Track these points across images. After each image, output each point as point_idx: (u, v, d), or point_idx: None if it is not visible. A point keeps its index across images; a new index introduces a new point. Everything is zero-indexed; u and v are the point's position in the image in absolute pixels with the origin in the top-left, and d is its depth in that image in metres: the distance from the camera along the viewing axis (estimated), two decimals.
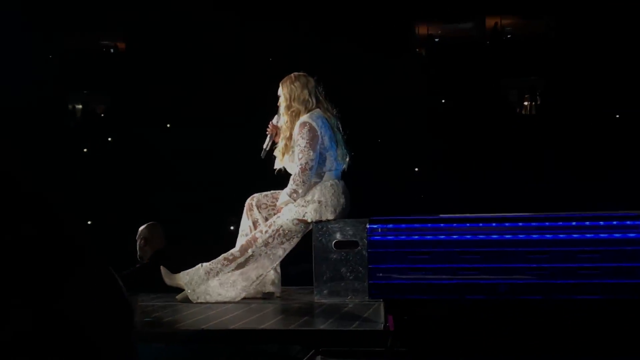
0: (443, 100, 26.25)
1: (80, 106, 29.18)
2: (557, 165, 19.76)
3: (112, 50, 30.06)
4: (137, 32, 27.46)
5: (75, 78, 27.19)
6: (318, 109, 5.65)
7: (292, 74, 5.74)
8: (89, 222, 16.46)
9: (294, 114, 5.62)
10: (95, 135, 25.08)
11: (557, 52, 26.00)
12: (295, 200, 5.52)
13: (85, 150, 24.73)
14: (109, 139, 24.28)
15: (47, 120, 24.05)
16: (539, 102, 27.76)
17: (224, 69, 24.73)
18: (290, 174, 5.62)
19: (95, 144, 24.39)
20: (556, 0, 26.02)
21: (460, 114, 23.97)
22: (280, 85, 5.73)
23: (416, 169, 22.10)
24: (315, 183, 5.56)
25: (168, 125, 25.42)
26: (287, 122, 5.66)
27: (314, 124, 5.53)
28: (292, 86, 5.65)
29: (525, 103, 28.73)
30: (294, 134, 5.59)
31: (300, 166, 5.49)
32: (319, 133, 5.53)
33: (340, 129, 5.74)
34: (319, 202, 5.49)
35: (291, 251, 5.69)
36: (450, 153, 21.50)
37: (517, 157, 21.02)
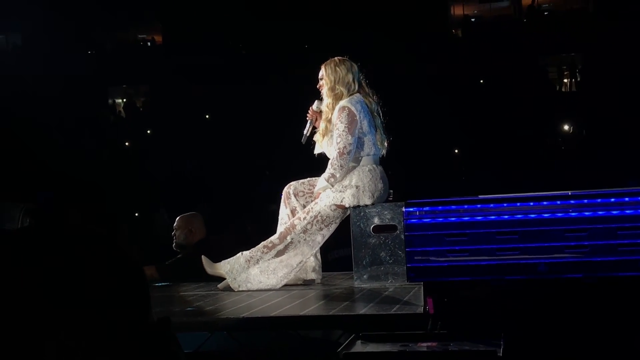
0: (481, 81, 26.07)
1: (119, 100, 29.49)
2: (598, 141, 19.52)
3: (149, 44, 30.29)
4: (173, 24, 27.63)
5: (114, 72, 27.47)
6: (359, 94, 5.64)
7: (336, 58, 5.73)
8: (136, 214, 16.63)
9: (337, 96, 5.62)
10: (136, 128, 25.32)
11: (596, 26, 25.64)
12: (332, 185, 5.53)
13: (127, 143, 24.97)
14: (148, 131, 24.47)
15: (88, 115, 24.31)
16: (578, 79, 27.44)
17: (262, 59, 24.79)
18: (329, 159, 5.63)
19: (136, 136, 24.62)
20: None
21: (499, 93, 23.78)
22: (323, 67, 5.72)
23: (456, 151, 21.99)
24: (353, 167, 5.56)
25: (207, 117, 25.59)
26: (329, 103, 5.65)
27: (353, 108, 5.53)
28: (337, 69, 5.65)
29: (565, 80, 28.43)
30: (333, 117, 5.59)
31: (338, 150, 5.49)
32: (357, 117, 5.52)
33: (381, 114, 5.73)
34: (357, 187, 5.49)
35: (331, 237, 5.70)
36: (489, 134, 21.35)
37: (557, 135, 20.82)
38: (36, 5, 25.41)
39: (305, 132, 5.83)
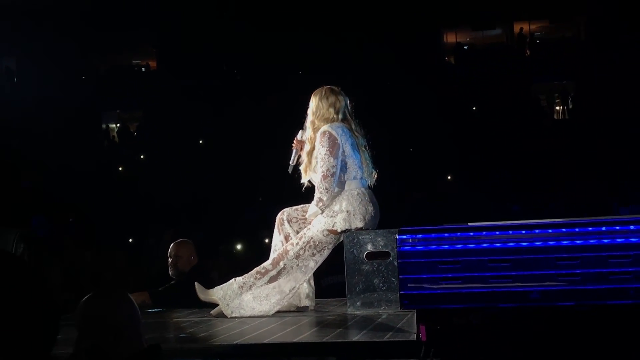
0: (474, 108, 26.18)
1: (113, 125, 29.51)
2: (589, 169, 19.60)
3: (143, 69, 30.37)
4: (168, 49, 27.72)
5: (108, 97, 27.51)
6: (342, 123, 5.64)
7: (325, 88, 5.72)
8: (130, 240, 16.61)
9: (316, 130, 5.65)
10: (130, 152, 25.33)
11: (587, 54, 25.82)
12: (322, 210, 5.53)
13: (120, 168, 24.96)
14: (142, 156, 24.47)
15: (82, 140, 24.32)
16: (570, 106, 27.58)
17: (253, 84, 24.88)
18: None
19: (129, 161, 24.63)
20: (584, 2, 25.84)
21: (492, 120, 23.89)
22: (312, 96, 5.73)
23: (449, 177, 22.04)
24: (340, 192, 5.57)
25: (200, 142, 25.61)
26: (309, 137, 5.69)
27: (333, 132, 5.52)
28: (320, 103, 5.64)
29: (557, 107, 28.57)
30: (315, 144, 5.61)
31: (322, 174, 5.50)
32: (339, 140, 5.51)
33: (367, 148, 5.74)
34: (347, 211, 5.49)
35: (325, 263, 5.71)
36: (482, 160, 21.42)
37: (549, 162, 20.89)
38: (30, 29, 25.51)
39: (291, 162, 5.83)
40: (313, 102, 5.70)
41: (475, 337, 4.54)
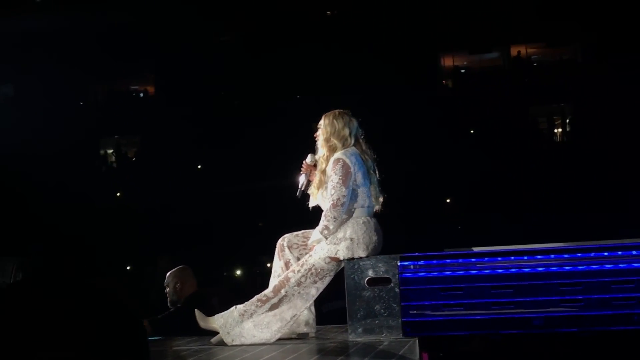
0: (472, 131, 26.21)
1: (111, 150, 29.51)
2: (590, 192, 19.59)
3: (141, 95, 30.42)
4: (165, 75, 27.78)
5: (106, 123, 27.54)
6: (354, 148, 5.66)
7: (336, 110, 5.75)
8: (128, 268, 16.56)
9: (331, 148, 5.64)
10: (128, 178, 25.32)
11: (585, 76, 25.89)
12: (327, 237, 5.51)
13: (118, 194, 24.95)
14: (140, 182, 24.43)
15: (80, 166, 24.31)
16: (568, 129, 27.62)
17: (255, 108, 24.91)
18: (323, 211, 5.62)
19: (128, 187, 24.61)
20: (581, 25, 25.92)
21: (490, 143, 23.91)
22: (323, 118, 5.73)
23: (447, 200, 22.03)
24: (346, 219, 5.56)
25: (199, 167, 25.62)
26: (323, 155, 5.68)
27: (347, 160, 5.53)
28: (335, 121, 5.66)
29: (556, 130, 28.61)
30: (328, 169, 5.60)
31: (332, 202, 5.49)
32: (352, 170, 5.52)
33: (377, 171, 5.74)
34: (351, 239, 5.47)
35: (325, 288, 5.67)
36: (481, 183, 21.42)
37: (549, 185, 20.89)
38: (28, 55, 25.56)
39: (300, 186, 5.83)
40: (326, 121, 5.70)
41: None
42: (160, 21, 25.16)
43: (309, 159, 5.83)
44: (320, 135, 5.72)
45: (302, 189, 5.82)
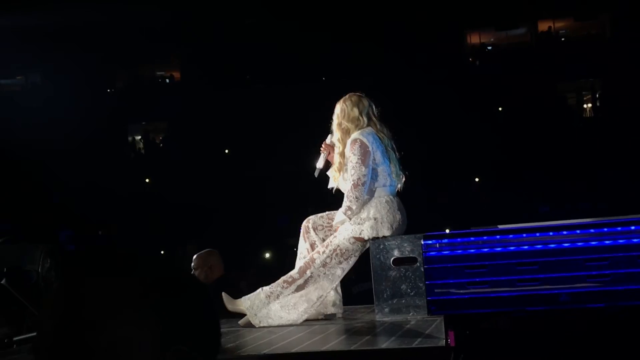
0: (500, 109, 26.03)
1: (139, 137, 29.67)
2: (620, 167, 19.40)
3: (167, 80, 30.51)
4: (191, 59, 27.83)
5: (133, 110, 27.68)
6: (369, 127, 5.65)
7: (348, 94, 5.77)
8: (162, 252, 16.67)
9: (344, 131, 5.65)
10: (156, 164, 25.45)
11: (613, 50, 25.58)
12: (350, 218, 5.51)
13: (147, 180, 25.09)
14: (168, 167, 24.53)
15: (108, 153, 24.48)
16: (598, 104, 27.34)
17: (280, 92, 24.90)
18: (344, 194, 5.62)
19: (156, 172, 24.75)
20: None
21: (518, 121, 23.74)
22: (337, 104, 5.77)
23: (476, 179, 21.92)
24: (369, 200, 5.54)
25: (227, 151, 25.69)
26: (338, 139, 5.69)
27: (364, 139, 5.53)
28: (344, 104, 5.69)
29: (585, 106, 28.33)
30: (346, 151, 5.60)
31: (352, 182, 5.49)
32: (370, 148, 5.52)
33: (395, 149, 5.72)
34: (375, 219, 5.46)
35: (354, 270, 5.67)
36: (509, 161, 21.29)
37: (578, 162, 20.72)
38: (54, 44, 25.72)
39: (317, 165, 5.83)
40: (338, 106, 5.75)
41: (504, 342, 4.48)
42: (184, 5, 25.19)
43: (328, 139, 5.84)
44: (334, 120, 5.73)
45: (321, 167, 5.82)
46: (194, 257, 7.05)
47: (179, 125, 27.00)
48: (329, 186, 5.82)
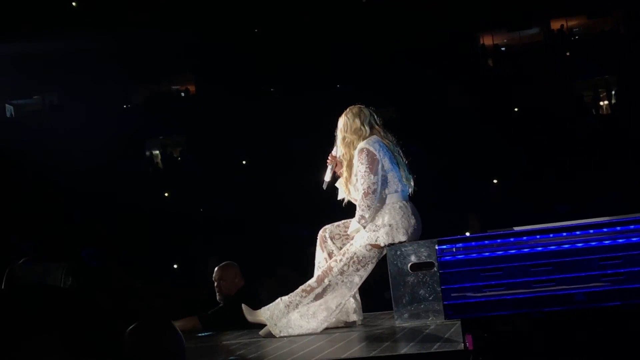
0: (516, 109, 25.98)
1: (157, 151, 29.82)
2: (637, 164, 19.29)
3: (182, 94, 30.66)
4: (206, 73, 27.96)
5: (151, 125, 27.83)
6: (374, 135, 5.69)
7: (348, 107, 5.83)
8: (175, 266, 16.75)
9: (348, 144, 5.71)
10: (174, 178, 25.56)
11: (628, 47, 25.48)
12: (364, 226, 5.55)
13: (166, 194, 25.20)
14: (186, 181, 24.62)
15: (127, 169, 24.62)
16: (614, 101, 27.22)
17: (295, 102, 24.96)
18: (355, 204, 5.67)
19: (175, 187, 24.85)
20: None
21: (535, 120, 23.67)
22: (339, 119, 5.83)
23: (495, 181, 21.87)
24: (381, 207, 5.58)
25: (244, 162, 25.77)
26: (343, 153, 5.74)
27: (371, 148, 5.57)
28: (345, 117, 5.76)
29: (601, 103, 28.21)
30: (354, 162, 5.65)
31: (363, 191, 5.53)
32: (377, 156, 5.56)
33: (402, 154, 5.76)
34: (390, 225, 5.50)
35: (382, 276, 5.71)
36: (528, 162, 21.22)
37: (597, 159, 20.63)
38: (70, 63, 25.96)
39: (325, 178, 5.87)
40: (340, 121, 5.82)
41: (522, 343, 4.50)
42: (195, 19, 25.34)
43: (334, 150, 5.89)
44: (338, 136, 5.79)
45: (328, 180, 5.87)
46: (215, 269, 7.12)
47: (196, 138, 27.12)
48: (339, 197, 5.87)
